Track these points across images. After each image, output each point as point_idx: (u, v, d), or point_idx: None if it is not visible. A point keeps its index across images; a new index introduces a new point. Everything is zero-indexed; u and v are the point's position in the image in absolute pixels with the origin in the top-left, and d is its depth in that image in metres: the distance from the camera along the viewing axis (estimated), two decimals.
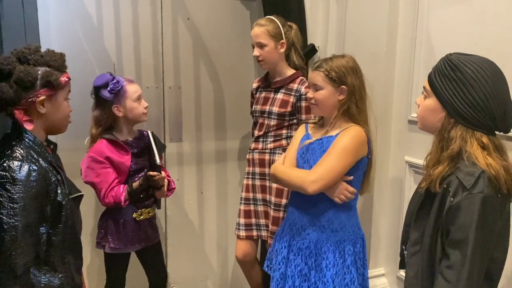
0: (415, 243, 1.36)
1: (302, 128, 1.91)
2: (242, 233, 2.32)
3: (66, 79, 1.41)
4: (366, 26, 2.13)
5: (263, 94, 2.27)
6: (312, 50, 2.40)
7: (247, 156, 2.34)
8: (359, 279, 1.79)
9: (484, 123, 1.25)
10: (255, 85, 2.36)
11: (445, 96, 1.27)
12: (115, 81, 1.94)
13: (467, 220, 1.19)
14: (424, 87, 1.36)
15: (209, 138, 2.69)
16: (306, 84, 2.16)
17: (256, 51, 2.16)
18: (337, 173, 1.68)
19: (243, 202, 2.33)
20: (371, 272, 2.22)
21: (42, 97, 1.34)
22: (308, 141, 1.79)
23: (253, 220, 2.32)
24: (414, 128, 2.05)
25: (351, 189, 1.73)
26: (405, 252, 1.48)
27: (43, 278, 1.30)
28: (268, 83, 2.26)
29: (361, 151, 1.73)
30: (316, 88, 1.75)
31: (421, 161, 1.96)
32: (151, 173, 1.95)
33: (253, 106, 2.30)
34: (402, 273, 2.13)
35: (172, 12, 2.52)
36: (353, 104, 1.75)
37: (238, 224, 2.34)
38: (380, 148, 2.13)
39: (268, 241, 2.23)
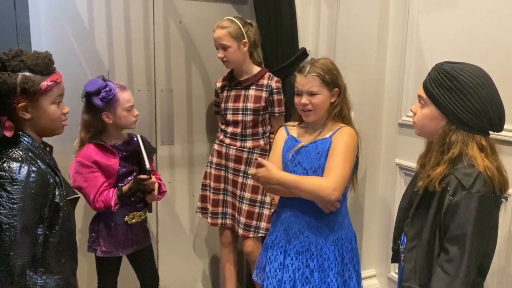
0: (412, 239, 1.43)
1: (282, 131, 1.90)
2: (209, 220, 2.44)
3: (50, 83, 1.34)
4: (357, 30, 2.15)
5: (233, 92, 2.36)
6: (303, 54, 2.42)
7: (217, 148, 2.40)
8: (355, 275, 1.82)
9: (483, 126, 1.32)
10: (219, 84, 2.44)
11: (445, 106, 1.33)
12: (107, 89, 1.92)
13: (465, 217, 1.27)
14: (420, 96, 1.41)
15: (200, 141, 2.70)
16: (276, 79, 2.32)
17: (220, 53, 2.26)
18: (348, 175, 1.70)
19: (212, 191, 2.41)
20: (362, 273, 2.23)
21: (22, 104, 1.31)
22: (300, 145, 1.80)
23: (220, 209, 2.42)
24: (404, 131, 2.07)
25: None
26: (402, 247, 1.54)
27: (39, 280, 1.30)
28: (237, 81, 2.34)
29: (356, 148, 1.77)
30: (312, 93, 1.74)
31: (411, 164, 2.01)
32: (142, 176, 1.95)
33: (223, 104, 2.38)
34: (393, 274, 2.17)
35: (164, 15, 2.52)
36: (344, 105, 1.79)
37: (207, 209, 2.44)
38: (371, 151, 2.16)
39: (241, 232, 2.32)
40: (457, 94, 1.31)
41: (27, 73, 1.30)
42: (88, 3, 2.33)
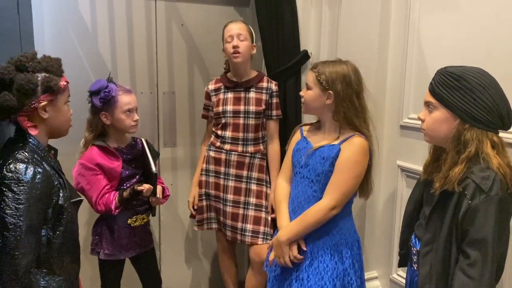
0: (427, 243, 1.44)
1: (297, 133, 1.92)
2: (215, 226, 2.40)
3: (65, 83, 1.45)
4: (358, 32, 2.16)
5: (231, 95, 2.30)
6: (305, 56, 2.43)
7: (214, 155, 2.33)
8: (357, 281, 1.81)
9: (494, 123, 1.34)
10: (212, 86, 2.36)
11: (457, 105, 1.35)
12: (107, 90, 1.94)
13: (485, 221, 1.29)
14: (428, 102, 1.42)
15: None
16: (274, 82, 2.32)
17: (237, 42, 2.18)
18: (352, 190, 1.75)
19: (213, 199, 2.36)
20: (364, 274, 2.23)
21: (44, 103, 1.38)
22: (311, 149, 1.78)
23: (221, 218, 2.35)
24: (405, 133, 2.08)
25: (299, 257, 1.76)
26: (414, 250, 1.54)
27: (42, 281, 1.31)
28: (236, 83, 2.29)
29: (366, 161, 1.75)
30: (307, 87, 1.80)
31: (413, 165, 2.02)
32: (139, 188, 1.94)
33: (220, 107, 2.30)
34: (396, 275, 2.17)
35: (166, 18, 2.54)
36: (349, 111, 1.73)
37: (203, 220, 2.39)
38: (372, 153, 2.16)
39: (249, 240, 2.27)
40: (467, 93, 1.33)
41: (47, 74, 1.38)
42: (91, 6, 2.34)
